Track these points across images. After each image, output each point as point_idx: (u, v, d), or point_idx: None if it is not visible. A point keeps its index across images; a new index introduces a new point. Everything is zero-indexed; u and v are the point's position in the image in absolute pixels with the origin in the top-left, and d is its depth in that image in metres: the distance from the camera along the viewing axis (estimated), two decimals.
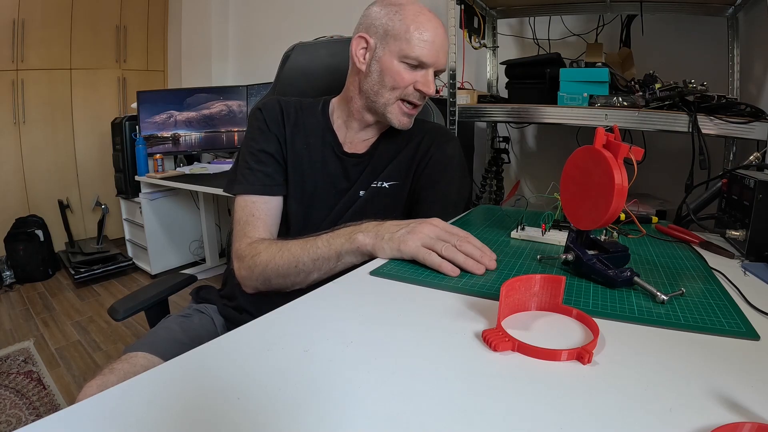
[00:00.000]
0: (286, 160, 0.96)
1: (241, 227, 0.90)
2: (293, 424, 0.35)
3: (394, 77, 0.89)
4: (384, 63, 0.89)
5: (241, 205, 0.92)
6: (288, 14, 3.03)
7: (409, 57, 0.87)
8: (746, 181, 0.80)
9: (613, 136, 0.60)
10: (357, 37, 0.91)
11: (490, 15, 2.02)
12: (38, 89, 3.13)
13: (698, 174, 1.30)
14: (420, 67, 0.89)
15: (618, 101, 1.42)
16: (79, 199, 3.42)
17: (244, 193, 0.93)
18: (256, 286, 0.87)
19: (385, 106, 0.92)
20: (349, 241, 0.76)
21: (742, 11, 1.58)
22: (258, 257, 0.84)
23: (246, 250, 0.86)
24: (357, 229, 0.78)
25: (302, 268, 0.80)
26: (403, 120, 0.93)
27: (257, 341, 0.48)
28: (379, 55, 0.89)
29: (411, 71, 0.89)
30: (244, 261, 0.86)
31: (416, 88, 0.90)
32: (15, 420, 1.63)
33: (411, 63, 0.88)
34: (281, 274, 0.82)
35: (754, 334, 0.49)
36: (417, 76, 0.90)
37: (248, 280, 0.86)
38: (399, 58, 0.88)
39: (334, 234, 0.79)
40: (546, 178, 2.16)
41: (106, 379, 0.75)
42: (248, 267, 0.85)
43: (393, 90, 0.90)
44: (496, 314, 0.49)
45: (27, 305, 2.59)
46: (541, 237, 0.82)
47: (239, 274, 0.87)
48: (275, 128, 0.96)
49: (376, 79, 0.90)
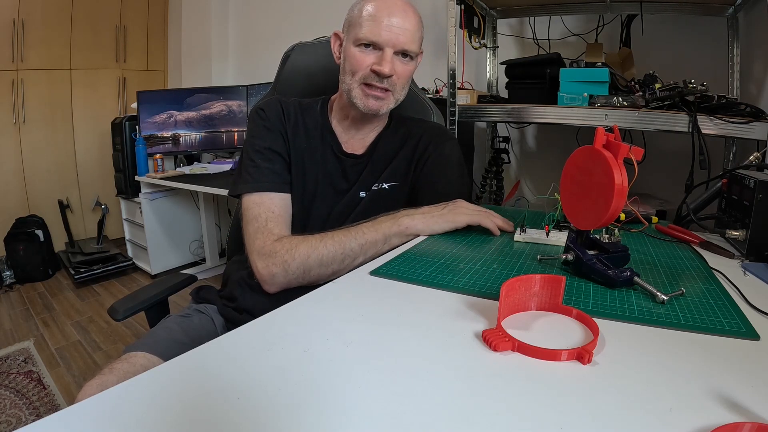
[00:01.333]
0: (290, 158, 0.96)
1: (260, 224, 0.88)
2: (293, 424, 0.35)
3: (351, 62, 0.91)
4: (346, 51, 0.92)
5: (256, 202, 0.90)
6: (288, 14, 3.03)
7: (359, 39, 0.89)
8: (746, 181, 0.80)
9: (613, 136, 0.60)
10: (333, 35, 0.96)
11: (490, 15, 2.02)
12: (38, 89, 3.13)
13: (698, 174, 1.30)
14: (374, 47, 0.89)
15: (618, 101, 1.42)
16: (79, 199, 3.42)
17: (259, 190, 0.91)
18: (287, 281, 0.84)
19: (350, 92, 0.92)
20: (396, 224, 0.85)
21: (742, 11, 1.58)
22: (295, 250, 0.83)
23: (276, 246, 0.84)
24: (399, 214, 0.87)
25: (348, 253, 0.83)
26: (368, 102, 0.92)
27: (257, 341, 0.48)
28: (345, 46, 0.93)
29: (367, 54, 0.90)
30: (275, 257, 0.83)
31: (372, 69, 0.89)
32: (15, 420, 1.63)
33: (364, 43, 0.89)
34: (324, 263, 0.82)
35: (754, 334, 0.49)
36: (373, 58, 0.90)
37: (280, 276, 0.83)
38: (354, 43, 0.90)
39: (375, 221, 0.87)
40: (546, 178, 2.16)
41: (106, 378, 0.75)
42: (282, 262, 0.83)
43: (353, 75, 0.91)
44: (496, 314, 0.49)
45: (27, 305, 2.59)
46: (543, 239, 0.82)
47: (267, 271, 0.84)
48: (279, 127, 0.96)
49: (342, 68, 0.94)
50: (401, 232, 0.85)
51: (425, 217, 0.86)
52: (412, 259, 0.72)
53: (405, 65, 0.92)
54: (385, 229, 0.84)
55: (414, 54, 0.93)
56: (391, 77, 0.90)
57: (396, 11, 0.88)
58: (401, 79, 0.92)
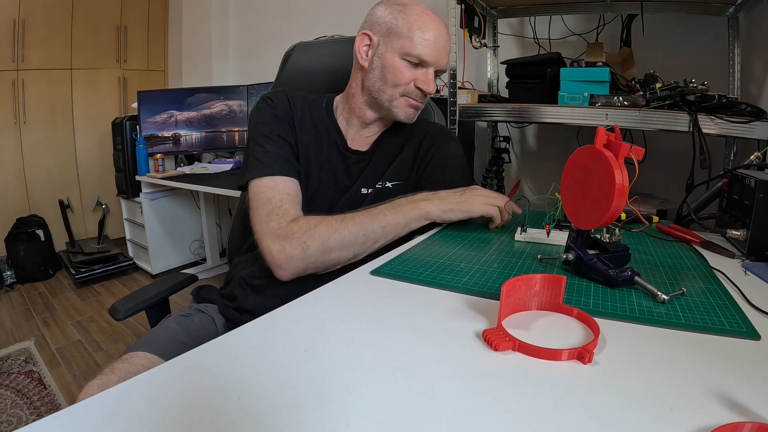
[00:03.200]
0: (297, 148, 0.95)
1: (275, 206, 0.85)
2: (294, 423, 0.35)
3: (395, 74, 0.90)
4: (386, 59, 0.90)
5: (268, 185, 0.87)
6: (288, 14, 3.03)
7: (410, 54, 0.89)
8: (747, 181, 0.80)
9: (613, 135, 0.60)
10: (361, 34, 0.93)
11: (491, 14, 2.02)
12: (39, 89, 3.13)
13: (699, 173, 1.30)
14: (420, 65, 0.90)
15: (618, 101, 1.41)
16: (79, 199, 3.42)
17: (271, 174, 0.88)
18: (305, 264, 0.81)
19: (390, 102, 0.93)
20: (416, 209, 0.85)
21: (743, 11, 1.58)
22: (315, 231, 0.80)
23: (293, 227, 0.81)
24: (417, 198, 0.88)
25: (370, 235, 0.82)
26: (409, 112, 0.95)
27: (258, 341, 0.48)
28: (381, 51, 0.91)
29: (412, 69, 0.90)
30: (292, 238, 0.80)
31: (416, 85, 0.91)
32: (16, 420, 1.63)
33: (412, 61, 0.89)
34: (345, 245, 0.81)
35: (754, 333, 0.49)
36: (417, 74, 0.91)
37: (298, 259, 0.80)
38: (400, 56, 0.89)
39: (394, 204, 0.87)
40: (547, 177, 2.16)
41: (107, 378, 0.75)
42: (300, 243, 0.79)
43: (395, 87, 0.91)
44: (497, 314, 0.49)
45: (28, 305, 2.59)
46: (544, 238, 0.82)
47: (283, 255, 0.80)
48: (286, 116, 0.96)
49: (378, 76, 0.92)
50: (421, 216, 0.85)
51: (442, 203, 0.86)
52: (413, 259, 0.72)
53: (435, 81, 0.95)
54: (407, 213, 0.85)
55: None
56: None
57: (442, 32, 0.91)
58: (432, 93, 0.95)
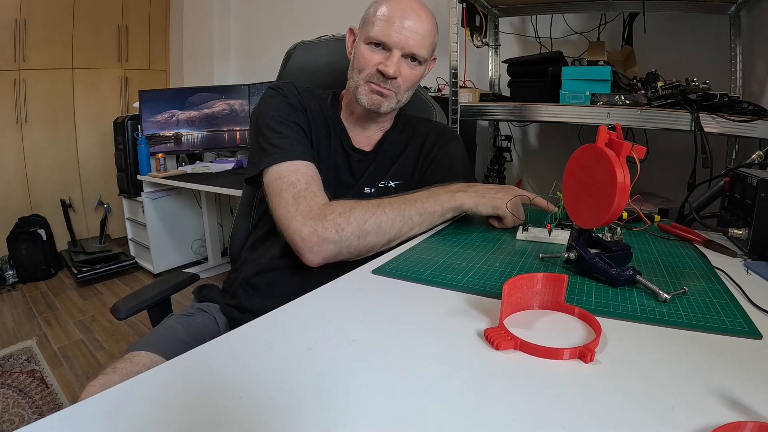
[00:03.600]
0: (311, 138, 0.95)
1: (301, 188, 0.82)
2: (296, 422, 0.35)
3: (359, 59, 0.91)
4: (356, 48, 0.92)
5: (290, 169, 0.85)
6: (289, 13, 3.02)
7: (369, 37, 0.89)
8: (749, 180, 0.79)
9: (615, 134, 0.60)
10: (348, 31, 0.97)
11: (492, 13, 2.02)
12: (40, 89, 3.13)
13: (701, 172, 1.30)
14: (383, 47, 0.89)
15: (620, 99, 1.41)
16: (81, 199, 3.42)
17: (291, 159, 0.86)
18: (339, 248, 0.78)
19: (356, 89, 0.92)
20: (453, 199, 0.85)
21: (745, 9, 1.57)
22: (350, 214, 0.79)
23: (327, 209, 0.79)
24: (454, 188, 0.88)
25: (407, 221, 0.82)
26: (372, 98, 0.91)
27: (260, 340, 0.48)
28: (356, 42, 0.93)
29: (375, 53, 0.89)
30: (325, 220, 0.78)
31: (378, 69, 0.89)
32: (18, 419, 1.63)
33: (373, 42, 0.89)
34: (382, 230, 0.80)
35: (756, 333, 0.49)
36: (381, 58, 0.89)
37: (331, 242, 0.77)
38: (365, 41, 0.90)
39: (431, 192, 0.87)
40: (548, 176, 2.16)
41: (109, 378, 0.75)
42: (336, 225, 0.77)
43: (360, 72, 0.91)
44: (498, 313, 0.49)
45: (30, 304, 2.60)
46: (545, 237, 0.82)
47: (316, 236, 0.77)
48: (299, 106, 0.95)
49: (351, 65, 0.94)
50: (457, 207, 0.85)
51: (477, 195, 0.86)
52: (414, 258, 0.72)
53: (411, 69, 0.91)
54: (444, 202, 0.85)
55: (423, 59, 0.92)
56: (395, 79, 0.90)
57: (410, 14, 0.88)
58: (406, 82, 0.92)
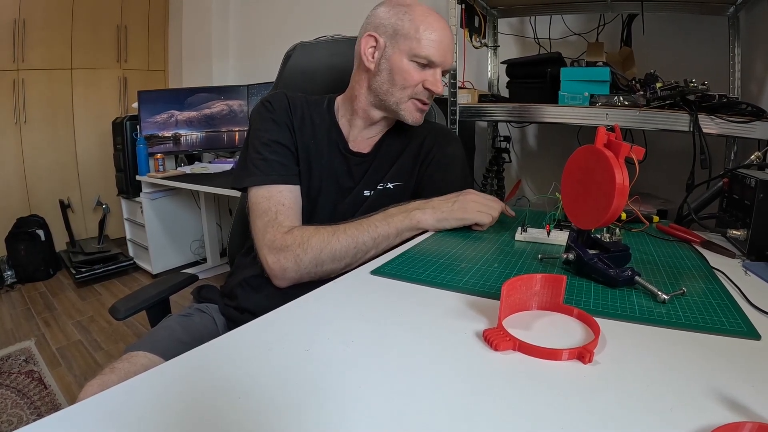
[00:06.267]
0: (297, 152, 0.95)
1: (270, 218, 0.87)
2: (294, 423, 0.35)
3: (404, 76, 0.90)
4: (394, 62, 0.90)
5: (265, 196, 0.89)
6: (289, 14, 3.02)
7: (419, 56, 0.89)
8: (747, 181, 0.80)
9: (614, 135, 0.60)
10: (366, 36, 0.92)
11: (491, 14, 2.02)
12: (39, 89, 3.13)
13: (699, 173, 1.30)
14: (429, 66, 0.91)
15: (619, 100, 1.41)
16: (80, 199, 3.42)
17: (268, 183, 0.90)
18: (299, 276, 0.83)
19: (398, 105, 0.93)
20: (408, 219, 0.86)
21: (743, 10, 1.58)
22: (308, 244, 0.82)
23: (288, 239, 0.83)
24: (409, 207, 0.88)
25: (361, 248, 0.84)
26: (416, 116, 0.95)
27: (258, 341, 0.48)
28: (389, 54, 0.91)
29: (420, 70, 0.91)
30: (286, 251, 0.82)
31: (425, 86, 0.91)
32: (16, 419, 1.63)
33: (420, 62, 0.90)
34: (337, 258, 0.83)
35: (755, 333, 0.49)
36: (426, 75, 0.91)
37: (292, 271, 0.83)
38: (409, 57, 0.90)
39: (386, 214, 0.87)
40: (547, 177, 2.16)
41: (107, 378, 0.75)
42: (295, 256, 0.82)
43: (404, 89, 0.92)
44: (497, 313, 0.49)
45: (28, 305, 2.59)
46: (544, 238, 0.82)
47: (279, 266, 0.83)
48: (285, 120, 0.95)
49: (386, 78, 0.92)
50: (413, 226, 0.86)
51: (435, 212, 0.87)
52: (413, 259, 0.72)
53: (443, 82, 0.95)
54: (398, 224, 0.85)
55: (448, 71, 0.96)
56: None
57: (447, 32, 0.91)
58: None
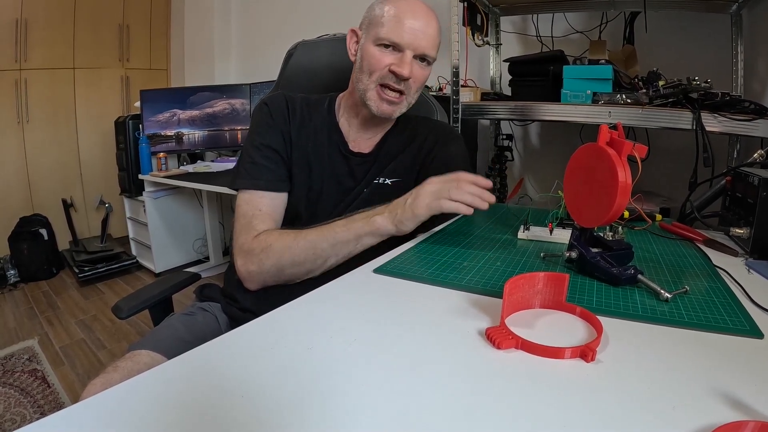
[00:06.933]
0: (290, 157, 0.95)
1: (246, 221, 0.88)
2: (297, 421, 0.35)
3: (369, 60, 0.89)
4: (364, 49, 0.91)
5: (246, 199, 0.90)
6: (291, 12, 3.02)
7: (380, 38, 0.88)
8: (750, 179, 0.79)
9: (616, 133, 0.60)
10: (350, 32, 0.95)
11: (493, 12, 2.02)
12: (41, 88, 3.13)
13: (702, 171, 1.30)
14: (395, 49, 0.89)
15: (621, 98, 1.41)
16: (82, 198, 3.43)
17: (250, 188, 0.90)
18: (264, 280, 0.85)
19: (365, 92, 0.91)
20: (368, 224, 0.81)
21: (746, 8, 1.57)
22: (270, 249, 0.82)
23: (254, 244, 0.84)
24: (373, 212, 0.83)
25: (320, 254, 0.82)
26: (381, 106, 0.91)
27: (261, 339, 0.48)
28: (362, 43, 0.92)
29: (386, 54, 0.89)
30: (251, 255, 0.84)
31: (390, 69, 0.88)
32: (20, 418, 1.64)
33: (384, 44, 0.88)
34: (297, 263, 0.82)
35: (757, 332, 0.49)
36: (392, 59, 0.89)
37: (256, 275, 0.84)
38: (374, 42, 0.89)
39: (349, 219, 0.83)
40: (549, 175, 2.15)
41: (110, 377, 0.75)
42: (258, 261, 0.83)
43: (370, 74, 0.90)
44: (500, 312, 0.49)
45: (31, 304, 2.60)
46: (547, 236, 0.82)
47: (245, 269, 0.85)
48: (281, 123, 0.95)
49: (358, 67, 0.92)
50: (373, 231, 0.81)
51: (391, 215, 0.81)
52: (415, 257, 0.72)
53: (422, 70, 0.92)
54: (357, 229, 0.82)
55: (432, 59, 0.92)
56: (408, 80, 0.90)
57: (420, 15, 0.88)
58: (417, 82, 0.92)
